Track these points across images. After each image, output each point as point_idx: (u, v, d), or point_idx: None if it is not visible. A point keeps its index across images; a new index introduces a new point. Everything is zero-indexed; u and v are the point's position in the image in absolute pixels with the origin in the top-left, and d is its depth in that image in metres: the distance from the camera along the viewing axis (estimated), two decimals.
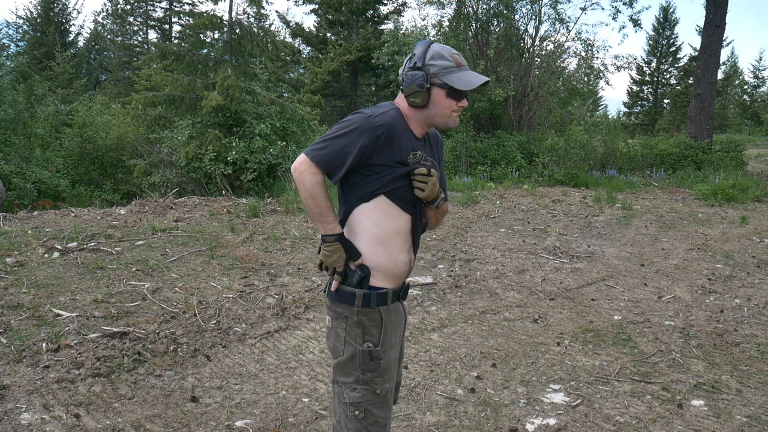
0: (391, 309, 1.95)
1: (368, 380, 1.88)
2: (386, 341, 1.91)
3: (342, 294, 1.90)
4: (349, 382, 1.89)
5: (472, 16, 15.81)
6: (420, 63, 1.85)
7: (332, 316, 1.95)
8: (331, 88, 24.44)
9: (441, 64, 1.85)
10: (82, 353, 3.48)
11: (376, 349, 1.88)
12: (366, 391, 1.88)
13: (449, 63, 1.86)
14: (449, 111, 1.90)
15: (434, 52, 1.86)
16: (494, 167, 14.03)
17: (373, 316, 1.90)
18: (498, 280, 5.46)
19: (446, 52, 1.87)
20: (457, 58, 1.87)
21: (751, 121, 41.16)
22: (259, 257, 5.84)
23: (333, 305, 1.94)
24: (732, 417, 3.05)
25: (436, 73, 1.85)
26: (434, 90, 1.86)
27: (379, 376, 1.89)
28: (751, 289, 5.34)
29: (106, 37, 36.52)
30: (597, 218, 8.73)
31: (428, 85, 1.84)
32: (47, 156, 13.94)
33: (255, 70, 12.39)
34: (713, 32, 15.85)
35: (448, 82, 1.85)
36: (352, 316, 1.89)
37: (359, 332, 1.89)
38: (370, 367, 1.88)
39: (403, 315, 2.05)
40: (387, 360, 1.91)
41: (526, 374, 3.53)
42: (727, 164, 14.81)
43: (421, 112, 1.90)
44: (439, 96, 1.87)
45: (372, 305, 1.89)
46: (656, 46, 41.18)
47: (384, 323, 1.91)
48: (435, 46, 1.88)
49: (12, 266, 5.11)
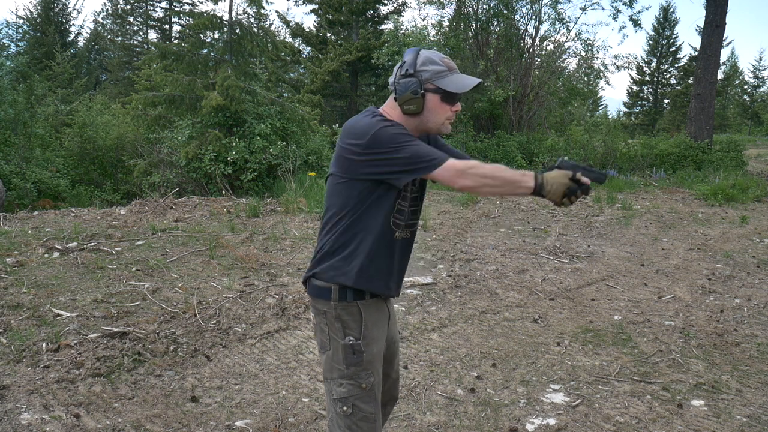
0: (371, 303, 1.93)
1: (353, 374, 1.89)
2: (368, 334, 1.90)
3: (319, 289, 1.90)
4: (335, 378, 1.91)
5: (472, 16, 15.82)
6: (412, 70, 1.84)
7: (315, 313, 1.96)
8: (331, 88, 24.43)
9: (433, 69, 1.84)
10: (82, 353, 3.48)
11: (358, 343, 1.88)
12: (351, 386, 1.89)
13: (441, 67, 1.85)
14: (443, 117, 1.89)
15: (425, 58, 1.85)
16: None
17: (350, 309, 1.89)
18: (498, 280, 5.46)
19: (437, 57, 1.87)
20: (448, 62, 1.87)
21: (751, 121, 41.16)
22: (259, 257, 5.84)
23: (313, 302, 1.96)
24: (732, 417, 3.05)
25: (428, 79, 1.84)
26: (428, 96, 1.85)
27: (363, 370, 1.89)
28: (751, 289, 5.34)
29: (106, 37, 36.53)
30: (597, 218, 8.73)
31: (422, 91, 1.83)
32: (47, 156, 13.93)
33: (255, 70, 12.38)
34: (713, 32, 15.85)
35: (442, 86, 1.84)
36: (330, 311, 1.90)
37: (339, 326, 1.89)
38: (353, 361, 1.88)
39: (387, 311, 2.03)
40: (370, 353, 1.91)
41: (526, 374, 3.53)
42: (727, 164, 14.81)
43: (414, 119, 1.89)
44: (434, 102, 1.86)
45: (348, 299, 1.88)
46: (656, 46, 41.20)
47: (363, 317, 1.90)
48: (425, 52, 1.88)
49: (12, 266, 5.11)
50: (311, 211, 8.22)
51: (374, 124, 1.79)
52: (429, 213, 8.47)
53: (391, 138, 1.76)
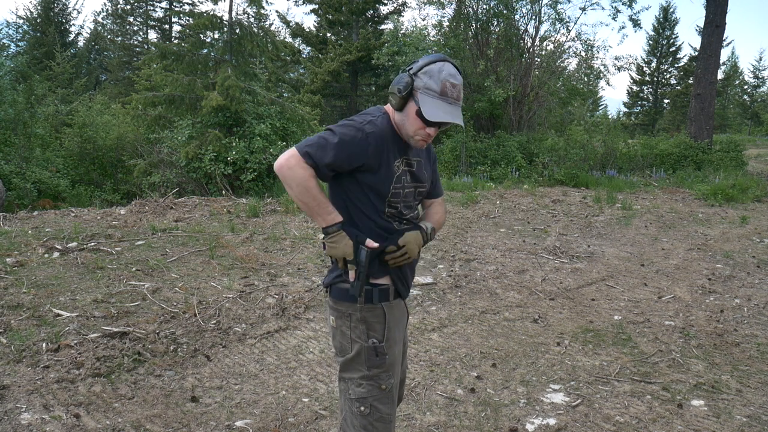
0: (394, 305, 1.96)
1: (374, 376, 1.90)
2: (390, 336, 1.93)
3: (345, 292, 1.91)
4: (355, 378, 1.91)
5: (472, 16, 15.82)
6: (414, 70, 1.84)
7: (336, 315, 1.95)
8: (331, 88, 24.44)
9: (426, 83, 1.82)
10: (82, 353, 3.48)
11: (381, 345, 1.89)
12: (371, 387, 1.89)
13: (435, 87, 1.81)
14: (413, 129, 1.87)
15: (431, 69, 1.83)
16: (494, 167, 14.03)
17: (376, 312, 1.91)
18: (498, 280, 5.46)
19: (442, 75, 1.81)
20: (447, 87, 1.81)
21: (751, 121, 41.15)
22: (259, 257, 5.84)
23: (336, 304, 1.95)
24: (732, 417, 3.05)
25: (418, 87, 1.83)
26: (410, 101, 1.85)
27: (385, 372, 1.91)
28: (751, 289, 5.34)
29: (106, 37, 36.53)
30: (597, 218, 8.72)
31: (406, 93, 1.83)
32: (47, 156, 13.94)
33: (255, 70, 12.39)
34: (713, 32, 15.85)
35: (419, 102, 1.82)
36: (355, 313, 1.90)
37: (363, 329, 1.90)
38: (375, 363, 1.88)
39: (406, 311, 2.07)
40: (392, 355, 1.93)
41: (526, 374, 3.53)
42: (727, 164, 14.81)
43: (397, 115, 1.90)
44: (411, 110, 1.85)
45: (374, 301, 1.90)
46: (656, 46, 41.19)
47: (387, 319, 1.92)
48: (438, 65, 1.83)
49: (12, 266, 5.11)
50: None
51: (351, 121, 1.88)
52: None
53: (344, 134, 1.83)
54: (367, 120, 1.86)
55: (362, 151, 1.81)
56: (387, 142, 1.87)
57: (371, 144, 1.82)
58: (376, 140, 1.83)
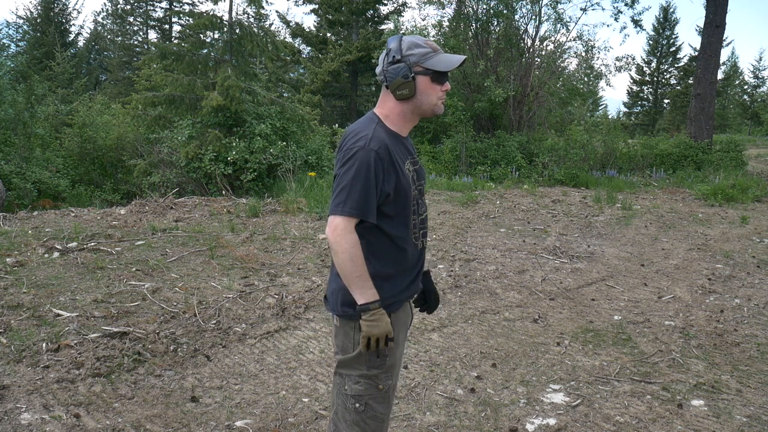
0: (399, 308, 1.96)
1: (372, 376, 1.89)
2: (394, 339, 1.92)
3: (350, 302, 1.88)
4: (353, 375, 1.90)
5: (472, 16, 15.81)
6: (398, 56, 1.86)
7: (342, 316, 1.95)
8: (331, 88, 24.42)
9: (419, 52, 1.87)
10: (82, 353, 3.48)
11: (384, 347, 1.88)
12: (369, 386, 1.89)
13: (426, 49, 1.88)
14: (435, 97, 1.91)
15: (409, 42, 1.88)
16: (494, 167, 14.03)
17: None
18: (498, 280, 5.46)
19: (420, 41, 1.89)
20: (432, 44, 1.90)
21: (751, 121, 41.13)
22: (259, 257, 5.84)
23: (345, 308, 1.93)
24: (732, 417, 3.05)
25: (416, 62, 1.86)
26: (419, 78, 1.87)
27: (384, 373, 1.91)
28: (751, 289, 5.34)
29: (106, 37, 36.54)
30: (597, 218, 8.73)
31: (412, 74, 1.86)
32: (47, 156, 13.93)
33: (255, 70, 12.39)
34: (713, 32, 15.85)
35: (431, 66, 1.87)
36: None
37: None
38: (376, 364, 1.88)
39: (410, 313, 2.07)
40: (393, 357, 1.93)
41: (526, 374, 3.53)
42: (727, 164, 14.81)
43: (409, 104, 1.91)
44: (425, 83, 1.88)
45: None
46: (656, 46, 41.18)
47: (393, 321, 1.92)
48: (407, 38, 1.91)
49: (12, 266, 5.11)
50: (311, 211, 8.21)
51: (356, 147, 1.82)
52: (429, 213, 8.47)
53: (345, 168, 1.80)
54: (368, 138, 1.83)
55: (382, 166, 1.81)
56: (392, 150, 1.86)
57: (383, 159, 1.82)
58: (385, 153, 1.84)
